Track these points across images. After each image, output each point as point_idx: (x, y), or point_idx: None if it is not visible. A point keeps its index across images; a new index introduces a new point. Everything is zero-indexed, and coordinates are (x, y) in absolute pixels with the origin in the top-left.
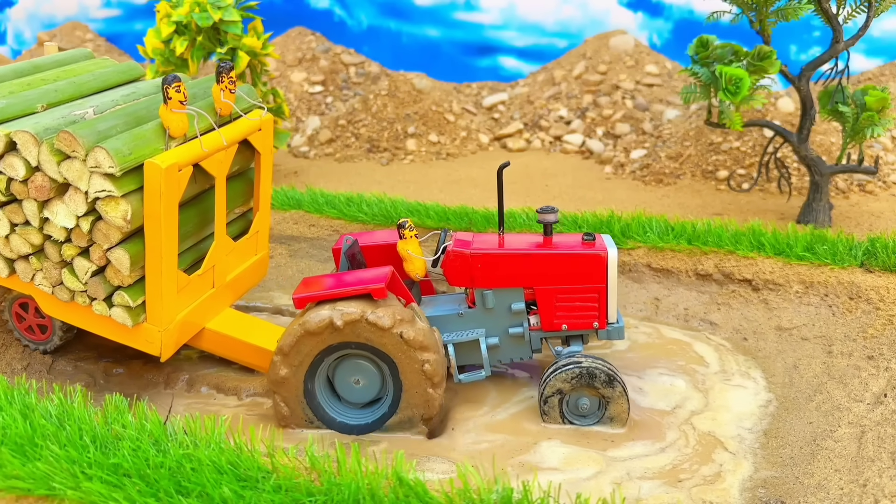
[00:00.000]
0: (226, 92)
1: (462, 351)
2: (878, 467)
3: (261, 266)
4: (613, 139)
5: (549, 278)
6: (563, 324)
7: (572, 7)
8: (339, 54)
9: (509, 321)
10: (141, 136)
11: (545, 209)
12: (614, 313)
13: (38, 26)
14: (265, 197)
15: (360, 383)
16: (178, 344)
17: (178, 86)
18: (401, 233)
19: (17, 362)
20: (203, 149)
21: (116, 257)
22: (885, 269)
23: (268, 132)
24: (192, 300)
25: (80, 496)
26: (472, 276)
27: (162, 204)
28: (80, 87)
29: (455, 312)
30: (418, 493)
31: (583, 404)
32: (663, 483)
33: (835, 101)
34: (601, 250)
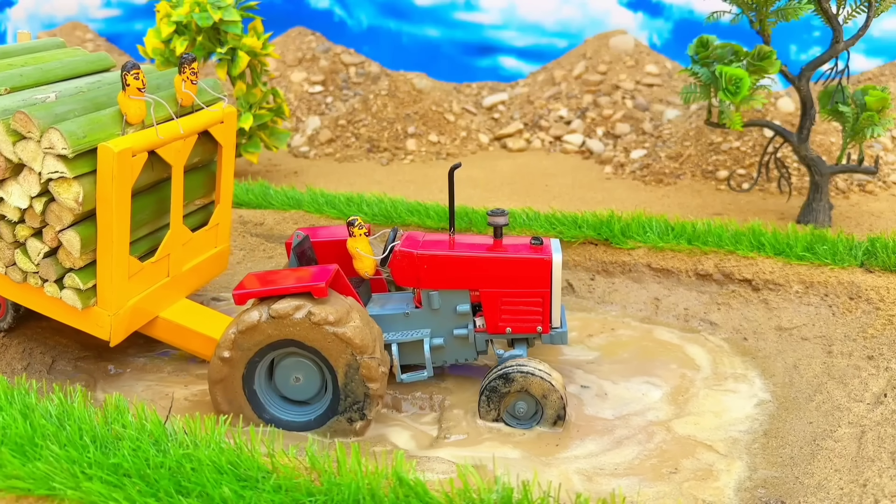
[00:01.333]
0: (187, 83)
1: (408, 351)
2: (878, 467)
3: (220, 259)
4: (613, 139)
5: (494, 281)
6: (508, 327)
7: (572, 7)
8: (339, 54)
9: (454, 322)
10: (97, 120)
11: (495, 212)
12: (558, 318)
13: (38, 26)
14: (226, 190)
15: (299, 381)
16: (129, 330)
17: (137, 73)
18: (350, 230)
19: (17, 362)
20: (159, 136)
21: (67, 239)
22: (885, 269)
23: (230, 125)
24: (144, 287)
25: (80, 496)
26: (419, 276)
27: (114, 188)
28: (46, 73)
29: (401, 312)
30: (418, 493)
31: (519, 408)
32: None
33: (835, 101)
34: (546, 255)
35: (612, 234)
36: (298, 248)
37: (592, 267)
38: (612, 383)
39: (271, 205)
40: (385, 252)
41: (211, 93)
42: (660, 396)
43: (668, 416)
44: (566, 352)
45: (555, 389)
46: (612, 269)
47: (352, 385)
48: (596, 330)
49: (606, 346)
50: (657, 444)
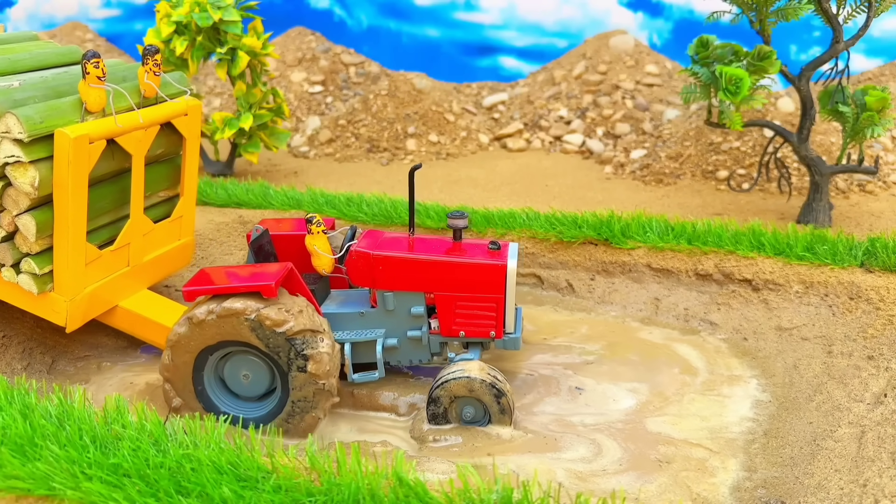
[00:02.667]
0: (149, 74)
1: (362, 350)
2: (878, 467)
3: (185, 252)
4: (613, 139)
5: (449, 285)
6: (461, 330)
7: (572, 7)
8: (339, 54)
9: (409, 324)
10: (56, 107)
11: (454, 214)
12: (511, 324)
13: (38, 26)
14: (190, 183)
15: (248, 378)
16: (87, 317)
17: (97, 62)
18: (308, 228)
19: (17, 362)
20: (118, 125)
21: (24, 223)
22: (885, 269)
23: (194, 118)
24: (103, 275)
25: (80, 496)
26: (374, 277)
27: (70, 173)
28: (14, 63)
29: (357, 311)
30: (418, 493)
31: (467, 413)
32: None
33: (835, 101)
34: (501, 261)
35: (612, 234)
36: (256, 243)
37: (592, 267)
38: (611, 384)
39: (271, 205)
40: (342, 251)
41: (175, 86)
42: (659, 397)
43: (667, 417)
44: (566, 352)
45: (475, 380)
46: (612, 269)
47: (301, 384)
48: (596, 330)
49: (606, 346)
50: (657, 444)
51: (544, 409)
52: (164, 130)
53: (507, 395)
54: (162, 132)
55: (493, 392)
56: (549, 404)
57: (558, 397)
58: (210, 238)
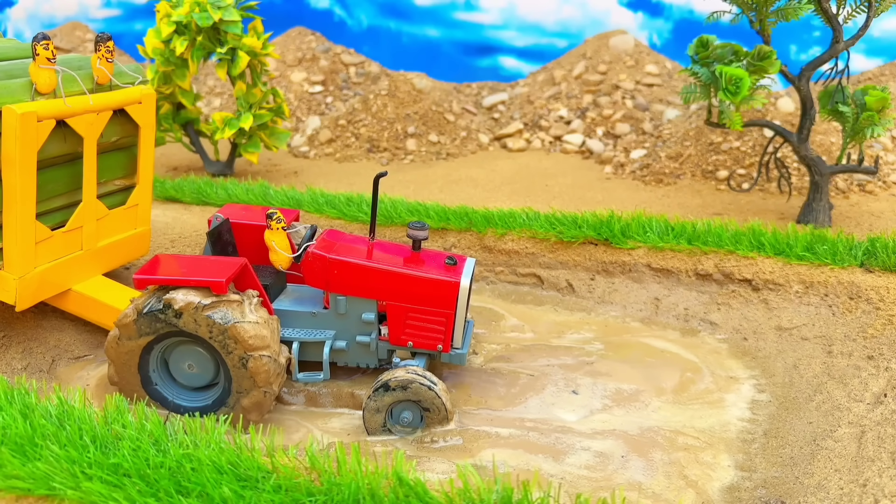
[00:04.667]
0: (102, 60)
1: (310, 350)
2: (878, 467)
3: (141, 240)
4: (613, 139)
5: (401, 296)
6: (410, 340)
7: (572, 7)
8: (339, 54)
9: (359, 329)
10: (6, 87)
11: (415, 225)
12: (459, 340)
13: (38, 26)
14: (145, 171)
15: (192, 368)
16: (38, 297)
17: (47, 43)
18: (268, 223)
19: (17, 362)
20: (67, 105)
21: None
22: (885, 269)
23: (148, 106)
24: (54, 256)
25: (80, 496)
26: (328, 279)
27: (18, 150)
28: None
29: (309, 311)
30: (418, 493)
31: (404, 417)
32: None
33: (835, 101)
34: (455, 278)
35: (612, 234)
36: (215, 233)
37: (592, 267)
38: (611, 384)
39: (271, 205)
40: (300, 251)
41: (130, 74)
42: (659, 397)
43: (667, 417)
44: (566, 352)
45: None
46: (612, 269)
47: (243, 380)
48: (595, 330)
49: (606, 346)
50: (656, 443)
51: (543, 410)
52: (120, 118)
53: (416, 383)
54: (118, 120)
55: (401, 384)
56: (549, 404)
57: (557, 397)
58: None
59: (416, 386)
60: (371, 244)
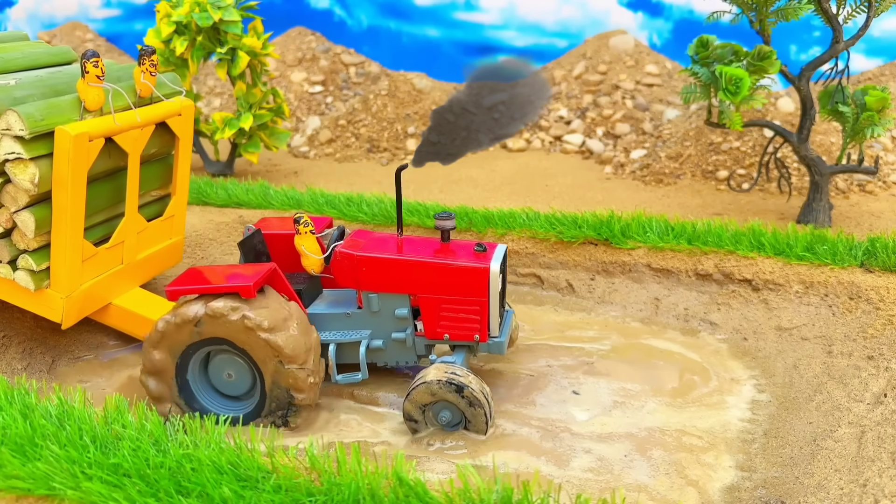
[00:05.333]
0: (146, 74)
1: (347, 351)
2: (878, 467)
3: (175, 250)
4: (613, 139)
5: (432, 287)
6: (445, 333)
7: (572, 7)
8: (339, 54)
9: (394, 325)
10: (56, 105)
11: (442, 215)
12: (496, 328)
13: (38, 26)
14: (182, 182)
15: (231, 377)
16: (82, 314)
17: (97, 61)
18: (296, 228)
19: (17, 362)
20: (116, 123)
21: (22, 220)
22: (885, 269)
23: (187, 118)
24: (98, 272)
25: (80, 496)
26: (358, 278)
27: (70, 171)
28: (7, 63)
29: (343, 312)
30: (418, 493)
31: (443, 417)
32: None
33: (835, 101)
34: (484, 263)
35: (612, 234)
36: (248, 244)
37: (592, 267)
38: (611, 384)
39: (271, 205)
40: (328, 251)
41: (170, 86)
42: (659, 397)
43: (667, 417)
44: (566, 352)
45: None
46: (612, 269)
47: (277, 391)
48: (596, 330)
49: (606, 346)
50: (656, 443)
51: (545, 410)
52: (157, 130)
53: (469, 388)
54: (157, 131)
55: (454, 388)
56: (548, 405)
57: (557, 398)
58: (210, 238)
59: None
60: (399, 240)
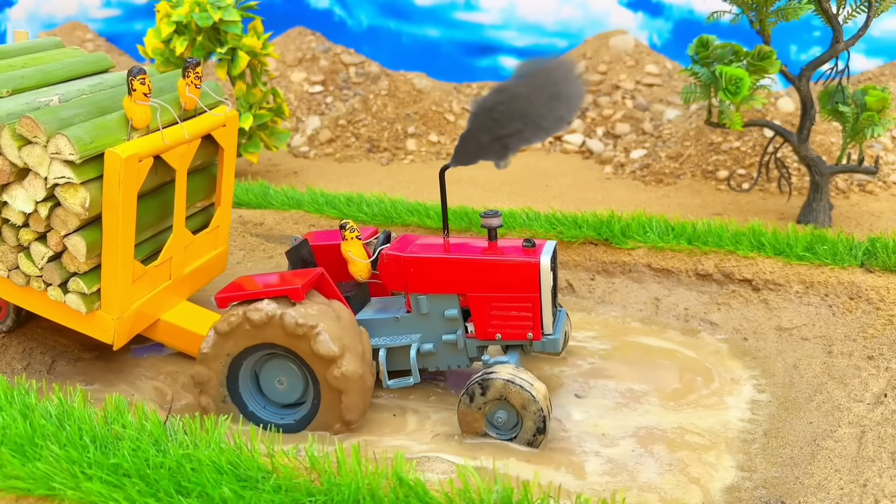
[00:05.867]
0: (191, 87)
1: (398, 356)
2: (878, 467)
3: (220, 261)
4: (613, 139)
5: (482, 285)
6: (497, 333)
7: (572, 7)
8: (339, 54)
9: (444, 328)
10: (103, 125)
11: (488, 213)
12: (550, 325)
13: (38, 26)
14: (227, 192)
15: (283, 383)
16: (132, 333)
17: (143, 78)
18: (342, 234)
19: (17, 362)
20: (165, 141)
21: (73, 244)
22: (885, 269)
23: (232, 128)
24: (147, 290)
25: (80, 496)
26: (406, 280)
27: (121, 193)
28: (47, 74)
29: (392, 317)
30: (418, 493)
31: (498, 417)
32: None
33: (835, 101)
34: (534, 258)
35: (612, 234)
36: (295, 253)
37: (592, 267)
38: (611, 384)
39: (271, 205)
40: (374, 255)
41: (213, 96)
42: (659, 397)
43: (666, 417)
44: (566, 352)
45: (535, 401)
46: (612, 269)
47: (332, 389)
48: (596, 330)
49: (606, 347)
50: (655, 443)
51: None
52: (202, 141)
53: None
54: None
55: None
56: (552, 405)
57: (560, 399)
58: None
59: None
60: (446, 240)
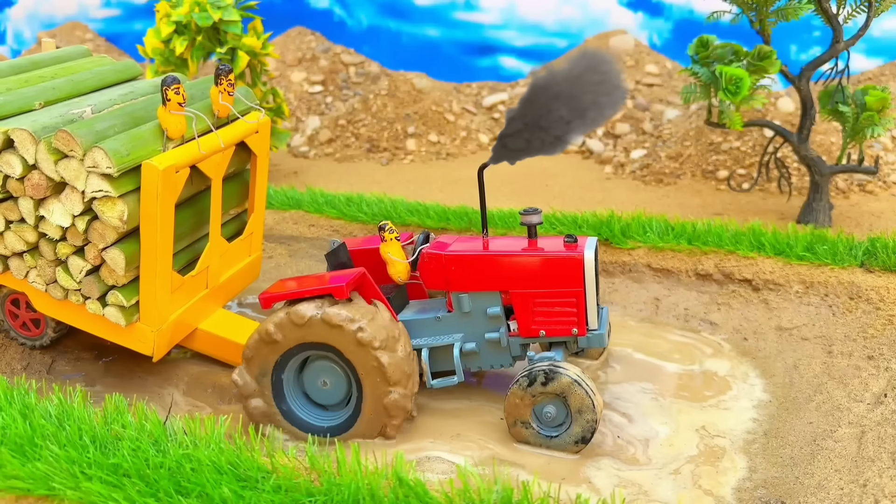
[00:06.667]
0: (224, 94)
1: (440, 357)
2: (878, 467)
3: (254, 267)
4: (613, 139)
5: (525, 282)
6: (541, 329)
7: (572, 7)
8: (339, 54)
9: (486, 326)
10: (139, 136)
11: (528, 210)
12: (594, 319)
13: (37, 26)
14: (260, 199)
15: (327, 385)
16: (171, 344)
17: (178, 88)
18: (381, 235)
19: (17, 362)
20: (200, 151)
21: (111, 257)
22: (885, 269)
23: (264, 135)
24: (185, 301)
25: (79, 496)
26: (447, 278)
27: (158, 205)
28: (77, 85)
29: (433, 317)
30: (418, 493)
31: (547, 412)
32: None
33: (835, 101)
34: (577, 253)
35: (612, 234)
36: (334, 256)
37: None
38: (611, 384)
39: (271, 205)
40: (414, 255)
41: (245, 102)
42: (659, 397)
43: (666, 417)
44: None
45: (593, 410)
46: (612, 269)
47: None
48: None
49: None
50: (655, 443)
51: None
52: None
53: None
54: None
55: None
56: None
57: None
58: None
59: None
60: (485, 239)
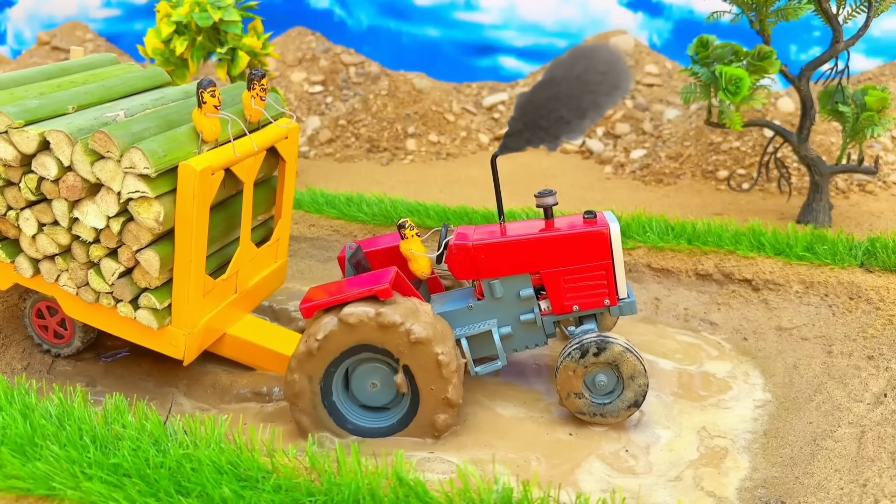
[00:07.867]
0: (256, 99)
1: (477, 344)
2: (878, 467)
3: (280, 273)
4: (613, 139)
5: (554, 261)
6: (574, 304)
7: (572, 7)
8: (339, 54)
9: (519, 308)
10: (174, 138)
11: (543, 192)
12: (624, 288)
13: (38, 26)
14: (287, 204)
15: (376, 386)
16: (201, 348)
17: (214, 90)
18: (402, 233)
19: (17, 362)
20: (236, 153)
21: (146, 259)
22: (885, 269)
23: (294, 140)
24: (215, 305)
25: (80, 496)
26: (477, 267)
27: (194, 207)
28: (108, 90)
29: (465, 306)
30: (418, 493)
31: (600, 381)
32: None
33: (835, 101)
34: (603, 227)
35: None
36: (353, 259)
37: None
38: None
39: None
40: (440, 249)
41: (276, 107)
42: (659, 397)
43: (666, 417)
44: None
45: (644, 374)
46: None
47: (430, 382)
48: None
49: None
50: (655, 443)
51: (548, 411)
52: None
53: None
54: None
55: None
56: (553, 406)
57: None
58: None
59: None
60: (503, 226)
